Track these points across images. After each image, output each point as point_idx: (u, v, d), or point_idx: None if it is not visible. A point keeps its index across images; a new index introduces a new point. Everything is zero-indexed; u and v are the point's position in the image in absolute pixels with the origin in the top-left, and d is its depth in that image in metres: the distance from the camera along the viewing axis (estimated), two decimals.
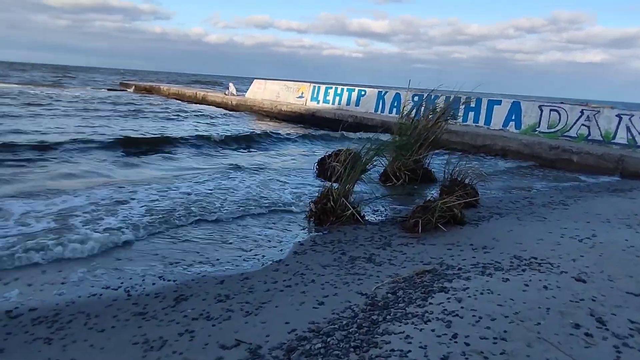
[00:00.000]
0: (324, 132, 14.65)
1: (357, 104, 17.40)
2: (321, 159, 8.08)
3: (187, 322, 2.85)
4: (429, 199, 5.57)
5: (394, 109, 15.44)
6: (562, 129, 11.98)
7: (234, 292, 3.34)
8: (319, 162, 8.05)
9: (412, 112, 8.43)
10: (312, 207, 5.33)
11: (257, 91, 22.75)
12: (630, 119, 11.07)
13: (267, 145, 11.84)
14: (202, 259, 4.08)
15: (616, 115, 11.30)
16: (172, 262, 4.00)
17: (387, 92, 16.58)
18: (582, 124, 11.68)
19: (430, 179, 7.90)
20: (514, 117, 12.92)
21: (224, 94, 25.27)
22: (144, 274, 3.71)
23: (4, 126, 11.80)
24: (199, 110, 21.12)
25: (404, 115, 8.46)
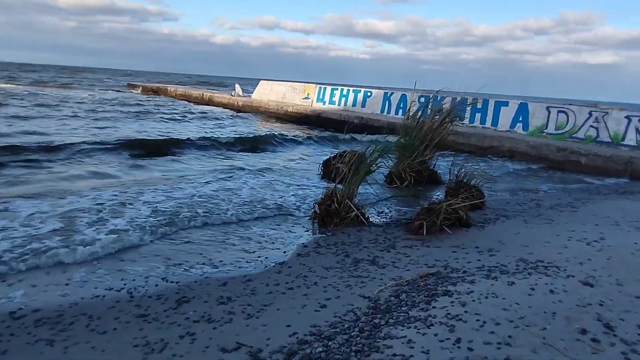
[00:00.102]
0: (331, 133, 14.64)
1: (363, 105, 17.37)
2: (326, 160, 8.06)
3: (189, 325, 2.84)
4: (434, 200, 5.53)
5: (400, 110, 15.39)
6: (570, 131, 11.87)
7: (236, 294, 3.32)
8: (324, 163, 8.04)
9: (418, 113, 8.39)
10: (316, 208, 5.31)
11: (263, 92, 22.79)
12: (639, 120, 10.95)
13: (272, 146, 11.83)
14: (205, 261, 4.07)
15: (625, 116, 11.17)
16: (176, 263, 4.00)
17: (393, 93, 16.54)
18: (591, 126, 11.56)
19: (436, 180, 7.85)
20: (521, 119, 12.82)
21: (230, 95, 25.35)
22: (147, 276, 3.71)
23: (13, 127, 11.92)
24: (205, 111, 21.19)
25: (409, 116, 8.42)
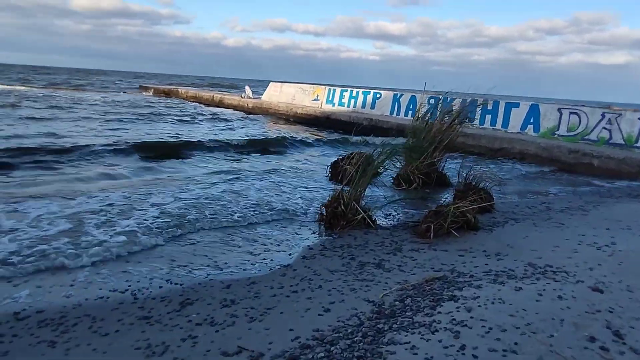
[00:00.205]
0: (340, 135, 14.61)
1: (373, 106, 17.31)
2: (334, 162, 8.03)
3: (191, 328, 2.83)
4: (442, 203, 5.47)
5: (410, 112, 15.31)
6: (583, 132, 11.70)
7: (239, 297, 3.31)
8: (332, 165, 8.01)
9: (428, 114, 8.31)
10: (323, 210, 5.28)
11: (273, 94, 22.84)
12: None
13: (281, 148, 11.82)
14: (210, 263, 4.07)
15: (639, 118, 10.98)
16: (180, 265, 3.99)
17: (402, 94, 16.46)
18: (603, 127, 11.38)
19: (444, 182, 7.77)
20: (532, 120, 12.67)
21: (241, 96, 25.45)
22: (151, 277, 3.71)
23: (26, 129, 12.07)
24: (215, 113, 21.27)
25: (419, 118, 8.35)
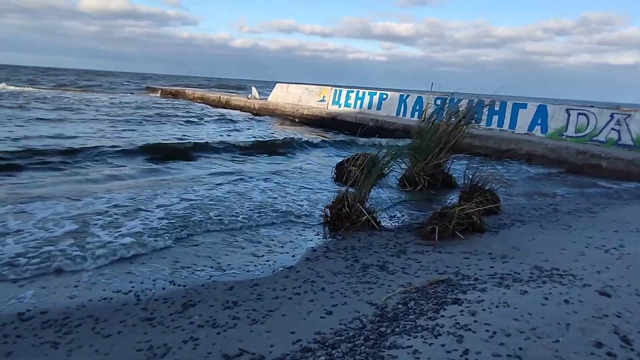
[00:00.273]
0: (345, 136, 14.58)
1: (379, 107, 17.27)
2: (339, 163, 8.02)
3: (193, 330, 2.82)
4: (447, 205, 5.43)
5: (416, 113, 15.24)
6: (591, 134, 11.58)
7: (242, 298, 3.30)
8: (337, 166, 7.99)
9: (433, 115, 8.26)
10: (327, 212, 5.27)
11: (279, 95, 22.86)
12: None
13: (286, 150, 11.80)
14: (213, 264, 4.06)
15: None
16: (184, 266, 3.99)
17: (409, 95, 16.40)
18: (612, 128, 11.26)
19: (450, 184, 7.72)
20: (540, 121, 12.57)
21: (247, 97, 25.51)
22: (155, 278, 3.71)
23: (34, 130, 12.16)
24: (222, 114, 21.33)
25: (425, 119, 8.30)
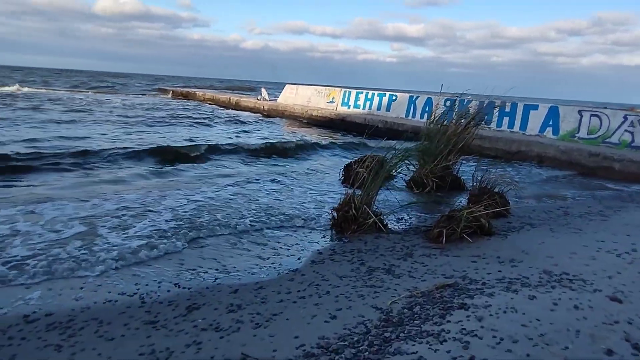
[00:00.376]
0: (354, 137, 14.52)
1: (388, 109, 17.20)
2: (347, 165, 7.98)
3: (196, 333, 2.81)
4: (455, 207, 5.37)
5: (426, 114, 15.12)
6: (604, 135, 11.40)
7: (246, 302, 3.28)
8: (345, 168, 7.95)
9: (444, 116, 8.18)
10: (334, 214, 5.24)
11: (288, 96, 22.89)
12: None
13: (294, 151, 11.76)
14: (219, 266, 4.05)
15: None
16: (190, 268, 3.99)
17: (418, 96, 16.31)
18: (626, 130, 11.07)
19: (459, 186, 7.65)
20: (551, 123, 12.40)
21: (257, 99, 25.58)
22: (160, 280, 3.71)
23: (45, 132, 12.30)
24: (232, 115, 21.41)
25: (434, 120, 8.23)
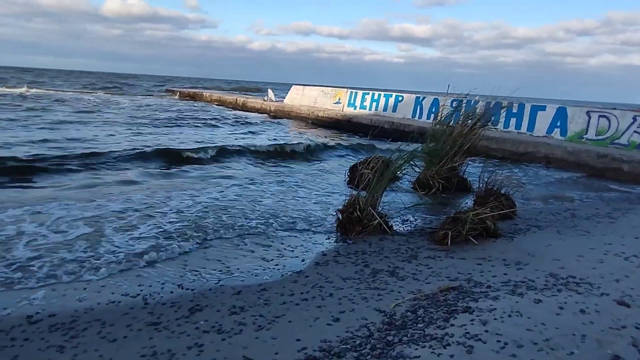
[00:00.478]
0: (360, 138, 14.48)
1: (395, 109, 17.15)
2: (353, 166, 7.95)
3: (198, 335, 2.80)
4: (461, 209, 5.33)
5: (432, 115, 15.06)
6: (612, 136, 11.27)
7: (249, 303, 3.27)
8: (351, 169, 7.93)
9: (450, 117, 8.12)
10: (338, 215, 5.22)
11: (295, 97, 22.89)
12: None
13: (300, 152, 11.73)
14: (222, 268, 4.05)
15: None
16: (193, 269, 3.99)
17: (425, 97, 16.24)
18: (635, 131, 10.94)
19: (465, 187, 7.59)
20: (559, 124, 12.29)
21: (263, 100, 25.61)
22: (163, 282, 3.71)
23: (55, 133, 12.36)
24: (238, 116, 21.45)
25: (440, 121, 8.17)
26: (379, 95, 18.03)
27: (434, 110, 15.24)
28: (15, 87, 32.95)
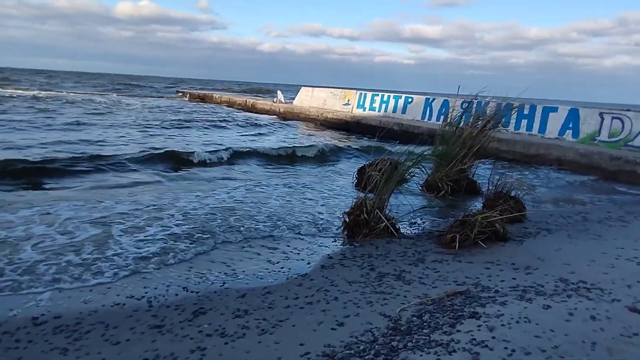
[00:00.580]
0: (370, 140, 14.41)
1: (404, 111, 17.06)
2: (361, 167, 7.91)
3: (201, 339, 2.78)
4: (470, 212, 5.26)
5: (442, 117, 14.96)
6: (626, 138, 11.08)
7: (253, 307, 3.25)
8: (359, 171, 7.89)
9: (459, 119, 8.03)
10: (345, 218, 5.18)
11: (304, 98, 22.90)
12: None
13: (308, 154, 11.69)
14: (228, 270, 4.03)
15: None
16: (199, 272, 3.98)
17: (434, 99, 16.14)
18: None
19: (475, 190, 7.51)
20: (571, 125, 12.12)
21: (273, 101, 25.67)
22: (168, 284, 3.71)
23: (66, 135, 12.47)
24: (247, 118, 21.49)
25: (449, 122, 8.09)
26: (389, 96, 17.95)
27: (443, 111, 15.13)
28: (28, 90, 33.41)
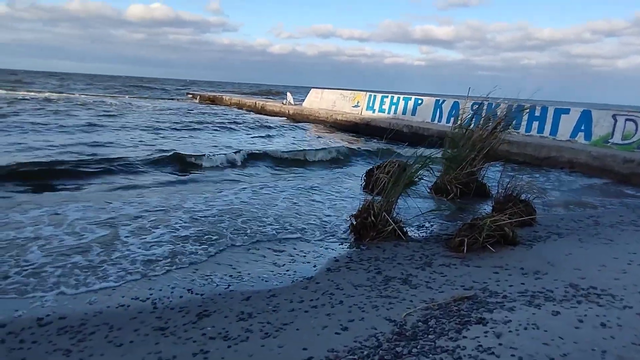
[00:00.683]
0: (379, 142, 14.33)
1: (414, 113, 16.97)
2: (369, 170, 7.85)
3: (204, 342, 2.77)
4: (479, 215, 5.19)
5: (452, 119, 14.84)
6: (639, 141, 10.90)
7: (257, 310, 3.23)
8: (367, 173, 7.83)
9: (469, 121, 7.93)
10: (352, 221, 5.14)
11: (313, 100, 22.90)
12: None
13: (315, 156, 11.66)
14: (233, 273, 4.02)
15: None
16: (203, 274, 3.97)
17: (444, 100, 16.04)
18: None
19: (484, 193, 7.42)
20: (583, 127, 11.95)
21: (282, 103, 25.72)
22: (173, 286, 3.70)
23: (76, 138, 12.58)
24: (257, 120, 21.53)
25: (460, 124, 7.99)
26: (398, 98, 17.87)
27: (453, 113, 15.02)
28: (40, 92, 33.84)
